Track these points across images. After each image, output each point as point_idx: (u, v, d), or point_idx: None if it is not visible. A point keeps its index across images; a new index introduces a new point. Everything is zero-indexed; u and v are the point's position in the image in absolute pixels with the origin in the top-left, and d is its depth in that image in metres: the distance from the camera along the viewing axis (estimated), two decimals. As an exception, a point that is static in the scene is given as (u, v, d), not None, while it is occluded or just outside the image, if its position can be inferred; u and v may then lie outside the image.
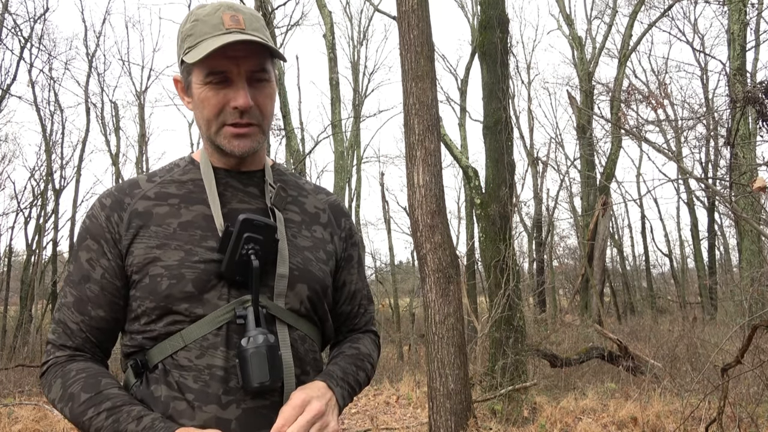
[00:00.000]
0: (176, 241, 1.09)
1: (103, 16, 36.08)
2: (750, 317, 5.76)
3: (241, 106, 1.07)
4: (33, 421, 6.20)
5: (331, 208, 1.29)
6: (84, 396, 1.03)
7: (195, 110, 1.13)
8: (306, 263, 1.16)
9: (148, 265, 1.07)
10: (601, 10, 19.95)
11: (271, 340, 1.02)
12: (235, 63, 1.07)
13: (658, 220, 45.06)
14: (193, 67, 1.09)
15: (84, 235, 1.13)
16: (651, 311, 18.21)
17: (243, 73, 1.08)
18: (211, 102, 1.09)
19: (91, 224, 1.13)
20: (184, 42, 1.11)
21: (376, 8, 16.36)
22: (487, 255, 7.59)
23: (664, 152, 9.28)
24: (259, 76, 1.10)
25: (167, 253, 1.07)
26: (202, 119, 1.12)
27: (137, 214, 1.11)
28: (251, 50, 1.07)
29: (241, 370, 1.02)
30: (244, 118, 1.10)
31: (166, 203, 1.12)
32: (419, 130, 5.07)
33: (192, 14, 1.11)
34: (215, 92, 1.08)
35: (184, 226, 1.10)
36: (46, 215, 16.63)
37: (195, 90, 1.11)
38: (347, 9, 34.87)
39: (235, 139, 1.11)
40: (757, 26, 12.27)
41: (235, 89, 1.08)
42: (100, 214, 1.12)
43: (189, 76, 1.12)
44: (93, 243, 1.11)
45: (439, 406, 4.91)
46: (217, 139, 1.12)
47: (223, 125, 1.11)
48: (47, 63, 17.03)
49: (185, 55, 1.09)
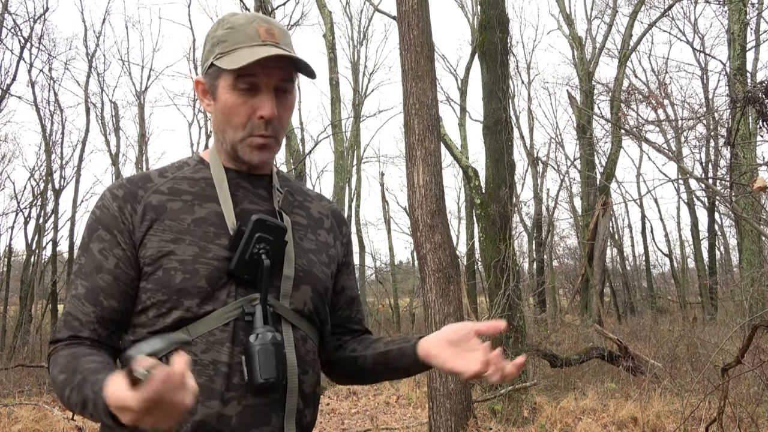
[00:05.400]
0: (190, 236, 1.10)
1: (103, 16, 36.02)
2: (750, 317, 5.76)
3: (267, 116, 1.10)
4: (33, 421, 6.19)
5: (334, 215, 1.33)
6: (61, 377, 1.01)
7: (217, 113, 1.15)
8: (311, 265, 1.19)
9: (162, 258, 1.08)
10: (601, 10, 19.93)
11: (278, 338, 1.04)
12: (266, 74, 1.10)
13: (659, 220, 45.06)
14: (221, 71, 1.11)
15: (95, 226, 1.12)
16: (651, 311, 18.18)
17: (272, 83, 1.11)
18: (240, 110, 1.11)
19: (102, 215, 1.12)
20: (215, 47, 1.13)
21: (376, 8, 16.38)
22: (487, 255, 7.60)
23: (664, 152, 9.29)
24: (285, 86, 1.14)
25: (182, 248, 1.08)
26: (227, 124, 1.14)
27: (151, 207, 1.11)
28: (282, 63, 1.11)
29: (247, 365, 1.03)
30: (269, 129, 1.13)
31: (180, 199, 1.13)
32: (419, 130, 5.07)
33: (225, 21, 1.14)
34: (244, 100, 1.11)
35: (197, 223, 1.11)
36: (45, 215, 16.60)
37: (222, 94, 1.12)
38: (347, 9, 34.81)
39: (258, 149, 1.14)
40: (757, 26, 12.29)
41: (261, 99, 1.11)
42: (112, 204, 1.12)
43: (216, 81, 1.14)
44: (105, 233, 1.11)
45: (439, 406, 4.91)
46: (239, 146, 1.14)
47: (250, 135, 1.13)
48: (47, 63, 16.95)
49: (217, 60, 1.11)
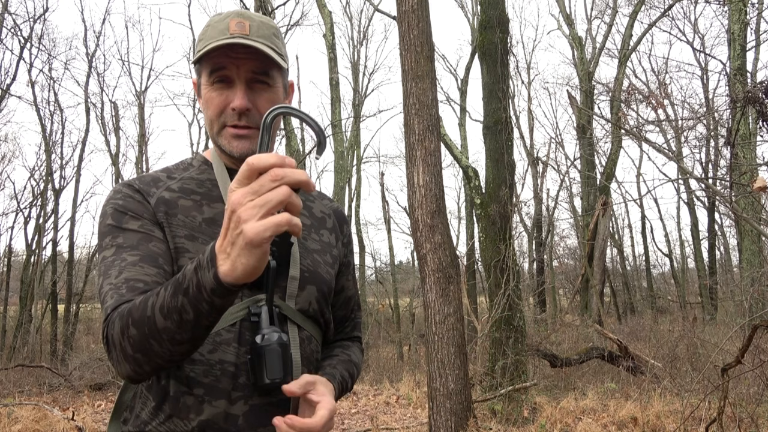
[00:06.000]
0: (202, 234, 1.10)
1: (102, 16, 36.02)
2: (750, 317, 5.76)
3: (237, 108, 1.11)
4: (33, 421, 6.20)
5: (336, 214, 1.33)
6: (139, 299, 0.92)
7: (203, 110, 1.18)
8: (315, 266, 1.19)
9: (178, 255, 1.08)
10: (601, 10, 19.94)
11: (284, 338, 1.04)
12: (236, 65, 1.11)
13: (658, 220, 45.09)
14: (201, 68, 1.15)
15: (122, 212, 1.08)
16: (651, 311, 18.18)
17: (243, 75, 1.11)
18: (213, 102, 1.13)
19: (126, 203, 1.09)
20: (196, 46, 1.17)
21: (376, 8, 16.37)
22: (487, 255, 7.59)
23: (664, 152, 9.28)
24: (260, 79, 1.13)
25: (195, 246, 1.09)
26: (207, 119, 1.17)
27: (164, 202, 1.12)
28: (253, 54, 1.10)
29: (254, 366, 1.03)
30: (242, 121, 1.12)
31: (189, 198, 1.14)
32: (419, 130, 5.07)
33: (208, 21, 1.17)
34: (218, 93, 1.13)
35: (208, 222, 1.12)
36: (45, 215, 16.61)
37: (203, 90, 1.16)
38: (347, 9, 34.86)
39: (235, 140, 1.14)
40: (758, 26, 12.28)
41: (234, 91, 1.12)
42: (134, 195, 1.11)
43: (199, 78, 1.17)
44: (136, 216, 1.08)
45: (439, 406, 4.91)
46: (218, 139, 1.15)
47: (224, 126, 1.14)
48: (47, 63, 16.98)
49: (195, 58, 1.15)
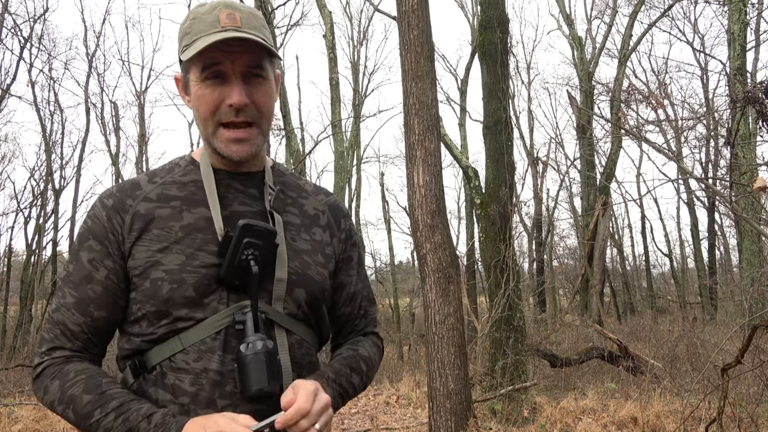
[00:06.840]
0: (178, 244, 1.08)
1: (103, 16, 36.13)
2: (750, 317, 5.76)
3: (236, 104, 1.06)
4: (33, 421, 6.19)
5: (331, 209, 1.27)
6: (87, 397, 1.01)
7: (193, 108, 1.12)
8: (304, 267, 1.15)
9: (150, 269, 1.06)
10: (601, 10, 19.92)
11: (269, 345, 1.02)
12: (230, 59, 1.06)
13: (658, 220, 45.06)
14: (190, 64, 1.09)
15: (86, 235, 1.11)
16: (651, 311, 18.16)
17: (238, 69, 1.07)
18: (207, 99, 1.08)
19: (93, 224, 1.11)
20: (182, 40, 1.11)
21: (376, 8, 16.36)
22: (487, 255, 7.59)
23: (664, 152, 9.28)
24: (256, 72, 1.09)
25: (168, 257, 1.06)
26: (199, 118, 1.11)
27: (139, 217, 1.10)
28: (247, 47, 1.07)
29: (240, 375, 1.01)
30: (240, 116, 1.08)
31: (168, 205, 1.11)
32: (419, 130, 5.07)
33: (191, 13, 1.11)
34: (211, 89, 1.08)
35: (185, 230, 1.09)
36: (45, 215, 16.62)
37: (192, 87, 1.10)
38: (347, 9, 34.91)
39: (234, 144, 1.10)
40: (757, 26, 12.26)
41: (230, 86, 1.07)
42: (102, 214, 1.11)
43: (187, 74, 1.12)
44: (96, 243, 1.09)
45: (439, 406, 4.90)
46: (214, 141, 1.11)
47: (219, 125, 1.09)
48: (47, 63, 17.02)
49: (183, 54, 1.09)
